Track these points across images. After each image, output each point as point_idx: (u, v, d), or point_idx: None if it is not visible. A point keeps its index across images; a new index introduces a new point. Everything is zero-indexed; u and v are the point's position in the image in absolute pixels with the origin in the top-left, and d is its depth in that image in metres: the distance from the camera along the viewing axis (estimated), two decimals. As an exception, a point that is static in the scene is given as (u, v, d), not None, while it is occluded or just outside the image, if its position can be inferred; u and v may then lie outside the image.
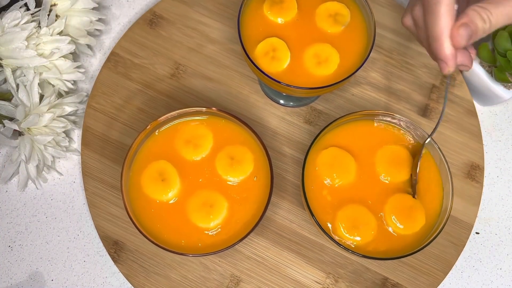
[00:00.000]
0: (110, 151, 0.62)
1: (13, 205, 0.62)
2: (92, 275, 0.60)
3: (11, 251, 0.61)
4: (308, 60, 0.55)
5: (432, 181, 0.52)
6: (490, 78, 0.63)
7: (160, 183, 0.51)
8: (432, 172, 0.53)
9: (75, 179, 0.63)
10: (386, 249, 0.51)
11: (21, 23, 0.57)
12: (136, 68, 0.66)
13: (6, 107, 0.57)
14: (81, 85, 0.67)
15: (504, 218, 0.63)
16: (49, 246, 0.61)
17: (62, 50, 0.59)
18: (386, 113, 0.53)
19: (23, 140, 0.57)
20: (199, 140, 0.53)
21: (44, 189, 0.63)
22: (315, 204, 0.51)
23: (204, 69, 0.66)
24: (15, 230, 0.61)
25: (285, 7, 0.57)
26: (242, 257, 0.59)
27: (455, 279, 0.61)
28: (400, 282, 0.59)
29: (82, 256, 0.60)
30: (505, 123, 0.67)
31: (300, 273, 0.59)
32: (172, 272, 0.58)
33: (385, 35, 0.67)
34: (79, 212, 0.62)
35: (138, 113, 0.64)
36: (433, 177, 0.53)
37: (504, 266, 0.62)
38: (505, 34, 0.60)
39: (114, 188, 0.61)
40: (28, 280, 0.59)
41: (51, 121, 0.58)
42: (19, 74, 0.59)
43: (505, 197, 0.64)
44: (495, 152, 0.66)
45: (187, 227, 0.50)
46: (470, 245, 0.62)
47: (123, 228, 0.59)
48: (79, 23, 0.63)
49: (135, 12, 0.71)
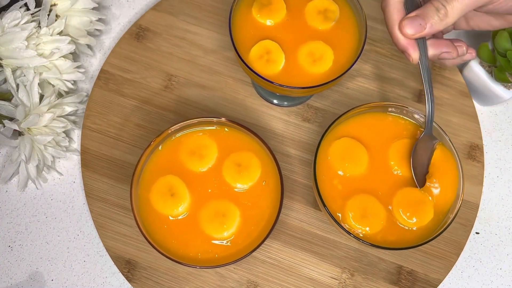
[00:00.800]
0: (112, 171, 0.61)
1: (13, 205, 0.61)
2: (92, 275, 0.59)
3: (11, 251, 0.60)
4: (303, 59, 0.55)
5: (445, 169, 0.53)
6: (490, 78, 0.63)
7: (169, 198, 0.50)
8: (444, 161, 0.53)
9: (75, 179, 0.63)
10: (396, 239, 0.51)
11: (21, 23, 0.56)
12: (128, 84, 0.65)
13: (6, 107, 0.57)
14: (81, 85, 0.66)
15: (504, 218, 0.64)
16: (49, 246, 0.60)
17: (62, 50, 0.59)
18: (399, 105, 0.53)
19: (23, 140, 0.56)
20: (203, 151, 0.52)
21: (44, 189, 0.62)
22: (326, 193, 0.51)
23: (196, 77, 0.65)
24: (15, 230, 0.61)
25: (273, 8, 0.56)
26: (257, 261, 0.59)
27: (455, 279, 0.61)
28: (415, 268, 0.59)
29: (82, 256, 0.60)
30: (505, 123, 0.68)
31: (316, 271, 0.59)
32: (188, 284, 0.58)
33: (374, 26, 0.68)
34: (79, 212, 0.61)
35: (137, 129, 0.63)
36: (447, 165, 0.53)
37: (504, 266, 0.62)
38: (505, 34, 0.60)
39: (120, 207, 0.60)
40: (28, 280, 0.59)
41: (51, 121, 0.57)
42: (19, 74, 0.58)
43: (505, 197, 0.65)
44: (495, 152, 0.66)
45: (202, 239, 0.50)
46: (470, 245, 0.62)
47: (134, 246, 0.59)
48: (79, 23, 0.63)
49: (135, 12, 0.70)
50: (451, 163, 0.53)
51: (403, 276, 0.59)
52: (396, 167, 0.53)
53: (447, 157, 0.53)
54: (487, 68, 0.64)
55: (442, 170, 0.52)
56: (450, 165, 0.53)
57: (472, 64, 0.64)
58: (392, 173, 0.53)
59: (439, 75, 0.67)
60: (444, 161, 0.53)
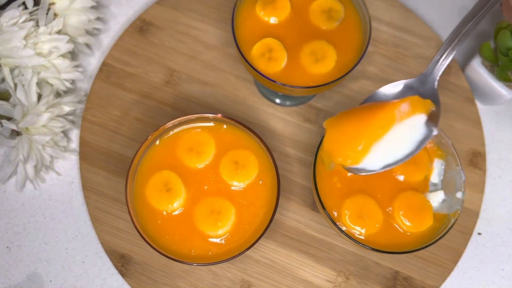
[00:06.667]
0: (110, 164, 0.61)
1: (11, 206, 0.61)
2: (91, 276, 0.59)
3: (9, 252, 0.59)
4: (305, 58, 0.55)
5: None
6: (492, 77, 0.63)
7: (165, 194, 0.50)
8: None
9: (74, 179, 0.62)
10: (392, 243, 0.50)
11: (19, 22, 0.56)
12: (129, 78, 0.65)
13: (4, 107, 0.57)
14: (79, 84, 0.66)
15: (506, 219, 0.63)
16: (48, 247, 0.60)
17: (60, 49, 0.59)
18: None
19: (21, 140, 0.56)
20: (201, 147, 0.52)
21: (42, 189, 0.62)
22: (324, 190, 0.51)
23: (199, 74, 0.65)
24: (13, 230, 0.60)
25: (278, 6, 0.56)
26: (251, 261, 0.59)
27: (456, 280, 0.61)
28: (411, 274, 0.59)
29: (80, 257, 0.59)
30: (507, 123, 0.67)
31: (311, 273, 0.59)
32: (182, 281, 0.58)
33: (379, 27, 0.67)
34: (77, 212, 0.61)
35: (136, 123, 0.63)
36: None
37: (506, 267, 0.61)
38: (507, 33, 0.59)
39: (117, 201, 0.60)
40: (26, 281, 0.58)
41: (49, 120, 0.57)
42: (17, 73, 0.58)
43: (507, 197, 0.64)
44: (497, 152, 0.65)
45: (196, 236, 0.50)
46: (471, 245, 0.61)
47: (129, 241, 0.58)
48: (78, 22, 0.62)
49: (134, 11, 0.70)
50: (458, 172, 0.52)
51: (399, 281, 0.58)
52: (399, 171, 0.52)
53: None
54: (489, 67, 0.63)
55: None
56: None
57: (474, 63, 0.64)
58: (393, 176, 0.52)
59: (444, 80, 0.66)
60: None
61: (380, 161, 0.48)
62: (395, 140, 0.47)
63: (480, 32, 0.70)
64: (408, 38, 0.67)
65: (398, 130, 0.47)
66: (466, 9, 0.55)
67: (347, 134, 0.47)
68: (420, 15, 0.70)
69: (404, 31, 0.67)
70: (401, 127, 0.47)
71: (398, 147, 0.48)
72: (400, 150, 0.48)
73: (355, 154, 0.47)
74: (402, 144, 0.48)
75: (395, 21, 0.68)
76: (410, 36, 0.67)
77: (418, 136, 0.48)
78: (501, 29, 0.60)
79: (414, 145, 0.48)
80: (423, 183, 0.52)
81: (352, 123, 0.47)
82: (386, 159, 0.48)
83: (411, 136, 0.48)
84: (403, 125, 0.47)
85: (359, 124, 0.47)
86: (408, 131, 0.47)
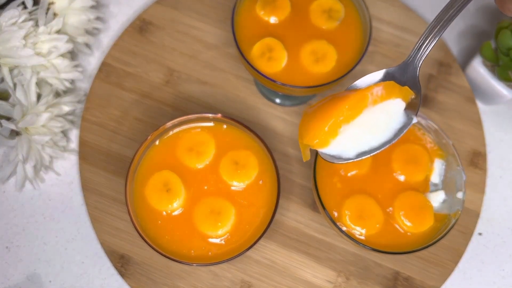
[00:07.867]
0: (110, 164, 0.61)
1: (10, 206, 0.61)
2: (90, 277, 0.59)
3: (9, 252, 0.59)
4: (306, 58, 0.54)
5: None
6: (493, 77, 0.62)
7: (165, 194, 0.50)
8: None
9: (73, 179, 0.62)
10: (392, 244, 0.50)
11: (19, 21, 0.56)
12: (129, 77, 0.64)
13: (4, 107, 0.56)
14: (79, 84, 0.66)
15: (507, 219, 0.63)
16: (47, 247, 0.59)
17: (60, 49, 0.58)
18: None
19: (20, 140, 0.56)
20: (201, 147, 0.52)
21: (42, 190, 0.61)
22: (324, 190, 0.51)
23: (198, 73, 0.65)
24: (12, 230, 0.60)
25: (278, 6, 0.56)
26: (251, 261, 0.58)
27: (457, 281, 0.60)
28: (412, 275, 0.59)
29: (80, 257, 0.59)
30: (507, 123, 0.67)
31: (311, 273, 0.58)
32: (182, 282, 0.57)
33: (379, 27, 0.67)
34: (77, 212, 0.61)
35: (136, 123, 0.62)
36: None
37: (507, 267, 0.61)
38: (508, 32, 0.59)
39: (116, 201, 0.60)
40: (25, 281, 0.58)
41: (48, 120, 0.57)
42: (16, 73, 0.58)
43: (508, 197, 0.63)
44: (497, 152, 0.65)
45: (196, 237, 0.50)
46: (472, 246, 0.61)
47: (129, 241, 0.58)
48: (77, 21, 0.62)
49: (133, 10, 0.70)
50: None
51: (399, 282, 0.58)
52: (400, 171, 0.52)
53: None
54: (490, 67, 0.63)
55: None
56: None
57: (474, 63, 0.64)
58: (394, 176, 0.52)
59: (444, 80, 0.66)
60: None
61: (354, 148, 0.46)
62: (368, 125, 0.45)
63: (480, 31, 0.70)
64: (409, 38, 0.67)
65: (371, 115, 0.45)
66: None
67: (316, 115, 0.45)
68: (421, 15, 0.70)
69: (405, 31, 0.67)
70: (375, 111, 0.45)
71: (373, 134, 0.46)
72: (376, 137, 0.46)
73: (323, 134, 0.44)
74: (378, 131, 0.46)
75: (396, 21, 0.68)
76: (410, 35, 0.67)
77: (395, 123, 0.46)
78: (502, 28, 0.60)
79: (392, 133, 0.46)
80: (424, 183, 0.52)
81: (323, 105, 0.45)
82: (360, 145, 0.46)
83: (388, 123, 0.46)
84: (377, 109, 0.45)
85: (328, 105, 0.45)
86: (384, 117, 0.45)
